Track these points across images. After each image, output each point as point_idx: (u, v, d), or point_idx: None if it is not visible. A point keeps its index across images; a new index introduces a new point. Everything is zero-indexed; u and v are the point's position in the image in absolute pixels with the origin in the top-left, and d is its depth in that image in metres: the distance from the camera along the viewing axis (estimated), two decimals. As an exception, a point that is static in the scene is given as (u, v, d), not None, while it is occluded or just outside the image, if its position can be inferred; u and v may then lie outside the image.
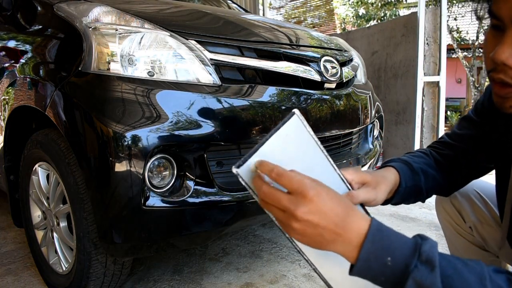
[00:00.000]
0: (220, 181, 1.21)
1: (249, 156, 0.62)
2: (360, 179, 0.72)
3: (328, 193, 0.52)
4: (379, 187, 0.73)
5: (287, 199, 0.51)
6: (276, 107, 1.30)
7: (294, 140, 0.65)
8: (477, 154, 0.86)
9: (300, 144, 0.66)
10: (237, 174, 0.62)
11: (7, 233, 2.14)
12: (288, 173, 0.53)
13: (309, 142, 0.67)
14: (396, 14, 9.61)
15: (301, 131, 0.66)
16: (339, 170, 0.69)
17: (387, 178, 0.77)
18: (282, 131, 0.64)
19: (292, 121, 0.65)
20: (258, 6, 5.27)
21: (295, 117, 0.65)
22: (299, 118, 0.65)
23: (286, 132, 0.64)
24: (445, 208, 1.03)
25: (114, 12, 1.19)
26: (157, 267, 1.68)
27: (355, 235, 0.51)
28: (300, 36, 1.67)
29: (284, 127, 0.64)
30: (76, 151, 1.15)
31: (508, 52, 0.53)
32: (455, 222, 1.02)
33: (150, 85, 1.10)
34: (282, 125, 0.64)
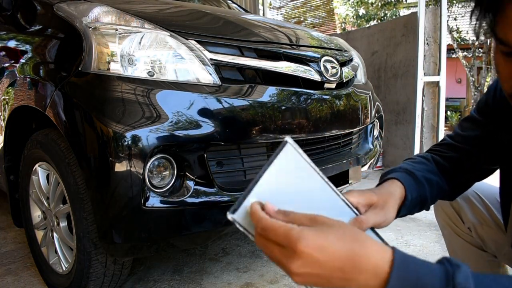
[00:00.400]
0: (220, 181, 1.21)
1: (244, 198, 0.58)
2: (366, 201, 0.66)
3: (326, 235, 0.44)
4: (387, 206, 0.68)
5: (279, 253, 0.45)
6: (276, 107, 1.30)
7: (290, 171, 0.61)
8: (481, 155, 0.83)
9: (297, 174, 0.62)
10: (232, 220, 0.57)
11: (7, 233, 2.14)
12: (273, 224, 0.46)
13: (307, 170, 0.63)
14: (396, 14, 9.61)
15: (297, 160, 0.61)
16: (342, 195, 0.64)
17: (393, 194, 0.72)
18: (276, 164, 0.59)
19: (286, 150, 0.59)
20: (258, 6, 5.27)
21: (288, 146, 0.59)
22: (293, 146, 0.60)
23: (280, 164, 0.59)
24: (444, 210, 1.04)
25: (114, 12, 1.19)
26: (157, 267, 1.68)
27: (372, 275, 0.42)
28: (300, 36, 1.67)
29: (277, 159, 0.59)
30: (76, 151, 1.15)
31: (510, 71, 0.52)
32: (454, 223, 1.02)
33: (150, 85, 1.10)
34: (275, 157, 0.58)
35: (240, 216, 0.57)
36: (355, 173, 1.62)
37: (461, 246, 1.03)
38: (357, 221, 0.61)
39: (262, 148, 1.34)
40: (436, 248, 1.80)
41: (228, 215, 0.57)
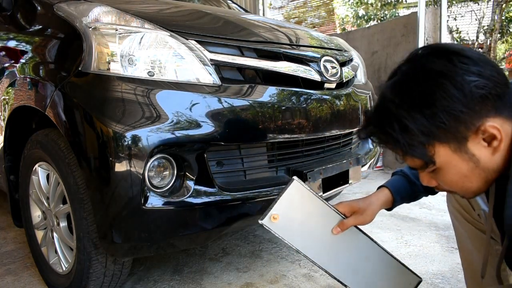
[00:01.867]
0: (220, 181, 1.21)
1: (268, 211, 0.91)
2: (350, 209, 0.99)
3: None
4: (366, 213, 0.98)
5: None
6: (276, 107, 1.30)
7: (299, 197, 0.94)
8: None
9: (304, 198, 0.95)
10: (262, 224, 0.90)
11: (7, 233, 2.14)
12: None
13: (311, 196, 0.95)
14: (396, 14, 9.61)
15: (303, 190, 0.94)
16: (334, 207, 0.98)
17: (373, 202, 1.00)
18: (288, 193, 0.93)
19: (293, 184, 0.93)
20: (258, 6, 5.28)
21: (295, 182, 0.93)
22: (299, 182, 0.94)
23: (290, 192, 0.93)
24: (454, 196, 1.04)
25: (114, 12, 1.19)
26: (157, 267, 1.68)
27: None
28: (300, 36, 1.67)
29: (288, 190, 0.93)
30: (76, 151, 1.15)
31: (425, 181, 0.78)
32: (464, 209, 1.03)
33: (150, 85, 1.10)
34: (286, 188, 0.93)
35: (266, 221, 0.92)
36: (355, 173, 1.62)
37: (471, 232, 1.04)
38: (341, 223, 0.98)
39: (262, 148, 1.34)
40: (436, 248, 1.80)
41: (259, 220, 0.91)
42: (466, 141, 0.66)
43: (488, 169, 0.69)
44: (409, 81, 0.68)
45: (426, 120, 0.65)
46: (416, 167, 0.74)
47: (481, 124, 0.65)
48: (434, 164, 0.70)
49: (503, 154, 0.67)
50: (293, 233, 0.94)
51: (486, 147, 0.67)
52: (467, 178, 0.70)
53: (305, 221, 0.95)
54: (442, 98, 0.64)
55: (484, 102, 0.64)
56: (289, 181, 0.93)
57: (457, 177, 0.71)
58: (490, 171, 0.69)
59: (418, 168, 0.74)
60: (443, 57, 0.66)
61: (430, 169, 0.72)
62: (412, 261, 1.67)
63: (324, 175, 1.43)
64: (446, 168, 0.70)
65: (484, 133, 0.65)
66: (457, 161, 0.68)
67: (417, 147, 0.68)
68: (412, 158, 0.72)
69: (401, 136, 0.67)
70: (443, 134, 0.66)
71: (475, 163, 0.68)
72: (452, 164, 0.69)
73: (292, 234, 0.94)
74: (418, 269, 1.58)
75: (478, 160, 0.68)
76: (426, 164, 0.71)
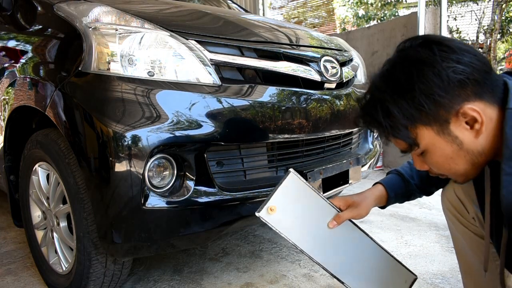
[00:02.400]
0: (220, 181, 1.21)
1: (265, 203, 0.91)
2: (345, 203, 1.02)
3: None
4: (360, 206, 1.01)
5: None
6: (276, 107, 1.30)
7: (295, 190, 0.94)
8: None
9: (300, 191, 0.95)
10: (259, 216, 0.90)
11: (7, 233, 2.14)
12: None
13: (307, 189, 0.96)
14: (395, 14, 9.61)
15: (299, 182, 0.95)
16: (330, 201, 0.98)
17: (368, 197, 1.04)
18: (284, 185, 0.93)
19: (289, 177, 0.93)
20: (258, 6, 5.28)
21: (291, 175, 0.94)
22: (295, 175, 0.94)
23: (287, 185, 0.93)
24: (449, 199, 1.06)
25: (114, 12, 1.19)
26: (157, 267, 1.68)
27: None
28: (300, 36, 1.67)
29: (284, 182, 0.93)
30: (76, 151, 1.15)
31: (418, 165, 0.81)
32: (459, 213, 1.04)
33: (150, 85, 1.10)
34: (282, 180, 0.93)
35: (263, 214, 0.91)
36: (355, 173, 1.62)
37: (467, 236, 1.05)
38: (337, 216, 0.99)
39: (262, 148, 1.34)
40: (436, 248, 1.80)
41: (256, 213, 0.90)
42: (448, 124, 0.70)
43: (473, 152, 0.72)
44: (393, 69, 0.74)
45: (407, 103, 0.70)
46: (403, 149, 0.78)
47: (461, 107, 0.69)
48: (418, 146, 0.74)
49: (488, 138, 0.71)
50: (289, 227, 0.94)
51: (468, 130, 0.70)
52: (452, 160, 0.74)
53: (301, 214, 0.96)
54: (421, 83, 0.69)
55: (462, 87, 0.68)
56: (286, 173, 0.94)
57: (442, 159, 0.74)
58: (475, 153, 0.72)
59: (405, 150, 0.77)
60: (426, 46, 0.71)
61: (416, 152, 0.76)
62: (412, 261, 1.67)
63: (324, 175, 1.43)
64: (431, 150, 0.74)
65: (465, 116, 0.69)
66: (441, 143, 0.72)
67: (400, 129, 0.72)
68: (396, 140, 0.76)
69: (384, 119, 0.72)
70: (424, 117, 0.70)
71: (458, 145, 0.71)
72: (436, 146, 0.73)
73: (288, 228, 0.94)
74: (418, 269, 1.59)
75: (461, 142, 0.71)
76: (411, 146, 0.75)
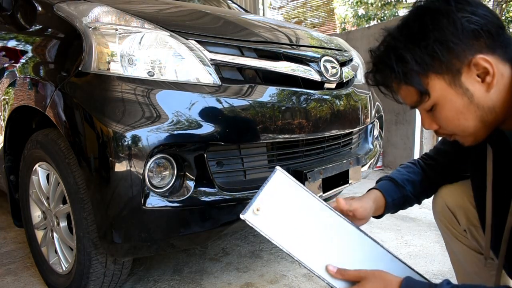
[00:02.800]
0: (220, 181, 1.21)
1: (250, 204, 0.81)
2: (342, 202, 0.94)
3: None
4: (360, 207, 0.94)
5: None
6: (276, 107, 1.30)
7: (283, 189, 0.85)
8: (455, 166, 1.03)
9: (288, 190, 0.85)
10: (244, 219, 0.80)
11: (7, 233, 2.14)
12: None
13: (296, 188, 0.86)
14: (395, 14, 9.60)
15: (287, 181, 0.85)
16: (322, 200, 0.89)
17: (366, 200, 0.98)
18: (271, 184, 0.83)
19: (276, 175, 0.84)
20: (258, 6, 5.28)
21: (278, 172, 0.84)
22: (282, 173, 0.84)
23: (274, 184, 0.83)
24: (441, 212, 1.05)
25: (114, 12, 1.19)
26: (157, 267, 1.68)
27: None
28: (300, 36, 1.67)
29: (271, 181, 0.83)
30: (76, 151, 1.15)
31: (427, 124, 0.77)
32: (451, 225, 1.03)
33: (150, 85, 1.10)
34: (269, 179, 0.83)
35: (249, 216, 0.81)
36: (355, 173, 1.62)
37: (459, 248, 1.04)
38: (336, 201, 0.92)
39: (262, 148, 1.34)
40: (436, 248, 1.80)
41: (240, 215, 0.80)
42: (459, 74, 0.69)
43: (483, 107, 0.70)
44: (409, 20, 0.73)
45: (420, 50, 0.69)
46: (412, 102, 0.75)
47: (473, 58, 0.68)
48: (429, 96, 0.72)
49: (500, 94, 0.70)
50: (278, 230, 0.84)
51: (479, 83, 0.69)
52: (462, 114, 0.72)
53: (291, 215, 0.86)
54: (435, 31, 0.68)
55: (476, 38, 0.68)
56: (272, 171, 0.85)
57: (453, 113, 0.72)
58: (485, 109, 0.71)
59: (414, 103, 0.75)
60: None
61: (426, 105, 0.73)
62: (412, 261, 1.67)
63: (324, 175, 1.43)
64: (442, 103, 0.72)
65: (477, 67, 0.68)
66: (452, 95, 0.71)
67: (412, 75, 0.71)
68: (407, 89, 0.73)
69: (396, 65, 0.71)
70: (437, 65, 0.69)
71: (469, 98, 0.70)
72: (447, 98, 0.71)
73: (277, 231, 0.84)
74: (418, 269, 1.58)
75: (472, 95, 0.70)
76: (421, 97, 0.72)
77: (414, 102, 0.74)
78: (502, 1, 8.75)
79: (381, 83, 0.77)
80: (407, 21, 0.73)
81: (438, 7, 0.69)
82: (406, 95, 0.75)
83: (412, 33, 0.71)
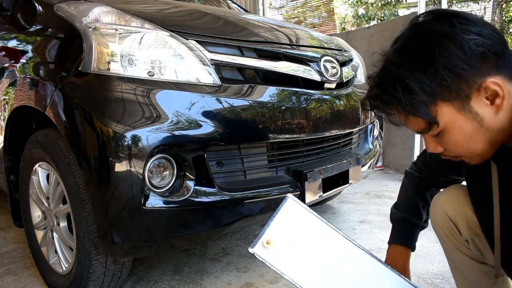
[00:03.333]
0: (220, 181, 1.21)
1: (260, 236, 0.76)
2: None
3: None
4: None
5: None
6: (276, 107, 1.30)
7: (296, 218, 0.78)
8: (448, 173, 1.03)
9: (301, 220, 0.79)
10: (253, 253, 0.75)
11: (7, 233, 2.14)
12: None
13: (310, 217, 0.79)
14: (395, 14, 9.61)
15: (300, 209, 0.79)
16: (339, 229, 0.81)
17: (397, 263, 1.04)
18: (282, 213, 0.77)
19: (288, 203, 0.78)
20: (258, 6, 5.28)
21: (290, 201, 0.78)
22: (294, 200, 0.78)
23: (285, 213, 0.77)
24: (441, 222, 1.02)
25: (114, 12, 1.19)
26: (157, 267, 1.68)
27: None
28: (300, 36, 1.67)
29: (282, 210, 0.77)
30: (76, 151, 1.15)
31: (432, 147, 0.75)
32: (452, 236, 1.01)
33: (150, 85, 1.10)
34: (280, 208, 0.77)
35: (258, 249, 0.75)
36: (355, 173, 1.62)
37: (460, 259, 1.02)
38: None
39: (262, 148, 1.34)
40: (436, 248, 1.80)
41: (249, 249, 0.75)
42: (469, 99, 0.67)
43: (493, 129, 0.69)
44: (410, 43, 0.69)
45: (428, 78, 0.66)
46: (419, 129, 0.72)
47: (483, 81, 0.65)
48: (437, 125, 0.69)
49: (507, 114, 0.68)
50: (291, 263, 0.78)
51: (489, 106, 0.67)
52: (471, 138, 0.70)
53: (305, 247, 0.79)
54: (443, 57, 0.65)
55: (484, 60, 0.65)
56: (283, 199, 0.79)
57: (462, 137, 0.70)
58: (494, 131, 0.69)
59: (421, 131, 0.72)
60: (443, 19, 0.67)
61: (434, 132, 0.71)
62: (412, 261, 1.66)
63: (324, 175, 1.43)
64: (450, 128, 0.70)
65: (486, 91, 0.66)
66: (461, 121, 0.68)
67: (420, 106, 0.68)
68: (415, 119, 0.70)
69: (403, 96, 0.67)
70: (446, 93, 0.66)
71: (479, 122, 0.68)
72: (456, 124, 0.69)
73: (290, 264, 0.78)
74: (418, 269, 1.59)
75: (482, 119, 0.68)
76: (429, 126, 0.70)
77: (421, 130, 0.72)
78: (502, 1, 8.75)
79: (384, 111, 0.74)
80: (408, 44, 0.69)
81: (442, 30, 0.66)
82: (412, 124, 0.72)
83: (417, 59, 0.67)
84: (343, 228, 2.08)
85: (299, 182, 1.36)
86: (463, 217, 0.97)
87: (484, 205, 0.86)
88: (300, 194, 1.37)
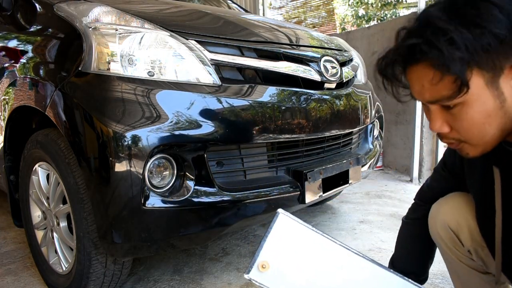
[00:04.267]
0: (220, 181, 1.21)
1: (254, 260, 0.72)
2: None
3: None
4: None
5: None
6: (276, 107, 1.30)
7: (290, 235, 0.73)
8: None
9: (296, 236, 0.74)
10: (249, 279, 0.71)
11: (7, 233, 2.14)
12: None
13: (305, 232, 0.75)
14: (396, 14, 9.61)
15: (293, 224, 0.74)
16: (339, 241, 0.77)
17: None
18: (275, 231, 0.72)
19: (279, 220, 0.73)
20: (258, 6, 5.28)
21: (281, 216, 0.73)
22: (285, 215, 0.73)
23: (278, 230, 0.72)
24: (442, 233, 0.99)
25: (114, 12, 1.19)
26: (157, 267, 1.68)
27: None
28: (300, 36, 1.67)
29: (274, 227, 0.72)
30: (76, 151, 1.15)
31: (438, 124, 0.70)
32: (454, 247, 0.99)
33: (150, 85, 1.10)
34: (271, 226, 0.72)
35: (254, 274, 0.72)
36: (355, 173, 1.62)
37: (462, 270, 1.01)
38: None
39: (262, 148, 1.34)
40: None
41: (245, 275, 0.71)
42: (500, 75, 0.64)
43: (510, 115, 0.67)
44: (457, 3, 0.65)
45: (473, 37, 0.62)
46: (442, 95, 0.66)
47: None
48: (467, 90, 0.64)
49: None
50: (290, 283, 0.73)
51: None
52: (489, 118, 0.67)
53: (302, 263, 0.75)
54: (490, 21, 0.62)
55: None
56: (274, 216, 0.73)
57: (480, 115, 0.67)
58: (509, 117, 0.67)
59: (443, 97, 0.66)
60: None
61: (455, 101, 0.66)
62: (412, 261, 1.67)
63: (324, 175, 1.43)
64: (472, 102, 0.66)
65: None
66: (486, 96, 0.65)
67: (459, 63, 0.63)
68: (446, 78, 0.64)
69: (446, 48, 0.62)
70: (485, 58, 0.63)
71: (501, 102, 0.66)
72: (481, 97, 0.65)
73: (289, 284, 0.73)
74: (418, 269, 1.58)
75: (504, 100, 0.65)
76: (459, 89, 0.64)
77: (443, 95, 0.66)
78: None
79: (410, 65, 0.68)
80: (456, 4, 0.65)
81: None
82: (437, 87, 0.66)
83: (465, 18, 0.63)
84: (343, 228, 2.08)
85: (299, 182, 1.36)
86: (466, 228, 0.94)
87: (484, 208, 0.85)
88: (300, 194, 1.37)
